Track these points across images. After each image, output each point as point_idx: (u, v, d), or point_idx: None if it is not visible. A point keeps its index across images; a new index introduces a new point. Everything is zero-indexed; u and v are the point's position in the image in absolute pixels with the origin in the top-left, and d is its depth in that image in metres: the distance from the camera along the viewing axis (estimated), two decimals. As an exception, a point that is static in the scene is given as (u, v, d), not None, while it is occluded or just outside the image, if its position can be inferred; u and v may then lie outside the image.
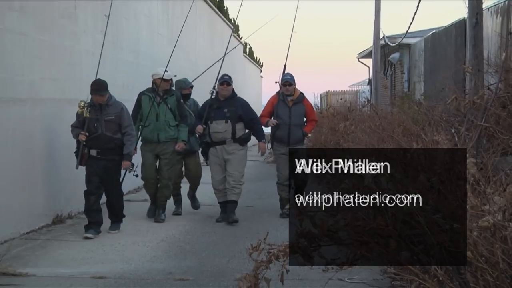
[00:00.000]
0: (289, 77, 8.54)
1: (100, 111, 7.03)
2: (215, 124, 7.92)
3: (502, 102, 6.57)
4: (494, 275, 3.32)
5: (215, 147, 7.99)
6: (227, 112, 7.92)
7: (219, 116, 7.91)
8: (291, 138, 8.38)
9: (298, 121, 8.45)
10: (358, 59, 24.34)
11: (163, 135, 8.00)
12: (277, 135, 8.46)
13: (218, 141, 7.94)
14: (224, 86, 7.95)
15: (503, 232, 3.35)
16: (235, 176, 7.94)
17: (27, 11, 6.99)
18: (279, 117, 8.41)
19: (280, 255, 4.26)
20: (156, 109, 7.98)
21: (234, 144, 7.96)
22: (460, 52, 12.45)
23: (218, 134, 7.93)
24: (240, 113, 7.96)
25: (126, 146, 7.16)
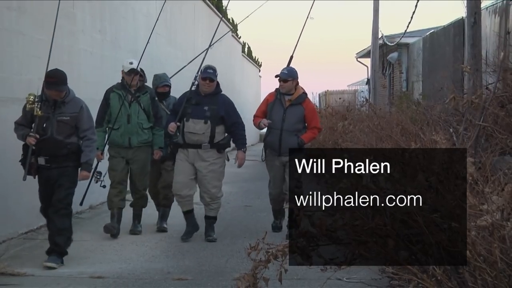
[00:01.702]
0: (285, 71, 7.07)
1: (53, 109, 5.73)
2: (192, 123, 6.66)
3: (500, 102, 6.57)
4: (493, 274, 3.32)
5: (186, 150, 6.71)
6: (208, 111, 6.68)
7: (198, 115, 6.67)
8: (283, 145, 6.93)
9: (293, 126, 7.01)
10: (357, 58, 24.36)
11: (135, 140, 6.95)
12: (268, 141, 7.17)
13: (192, 144, 6.69)
14: (207, 82, 6.71)
15: (501, 231, 3.35)
16: (212, 193, 6.75)
17: (25, 10, 6.99)
18: (272, 119, 7.06)
19: (278, 254, 4.26)
20: (127, 110, 6.92)
21: (211, 151, 6.70)
22: (458, 51, 12.46)
23: (194, 135, 6.67)
24: (222, 114, 6.72)
25: (85, 153, 5.80)
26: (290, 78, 7.04)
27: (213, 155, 6.72)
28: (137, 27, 10.93)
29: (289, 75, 7.06)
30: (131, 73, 6.90)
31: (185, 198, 6.75)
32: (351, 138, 8.86)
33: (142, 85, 7.11)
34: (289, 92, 7.07)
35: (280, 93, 7.11)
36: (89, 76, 8.52)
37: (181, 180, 6.72)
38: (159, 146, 7.08)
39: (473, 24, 7.57)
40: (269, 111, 7.12)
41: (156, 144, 7.08)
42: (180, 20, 13.98)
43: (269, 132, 7.12)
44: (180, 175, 6.73)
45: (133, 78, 6.92)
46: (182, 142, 6.73)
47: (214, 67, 6.81)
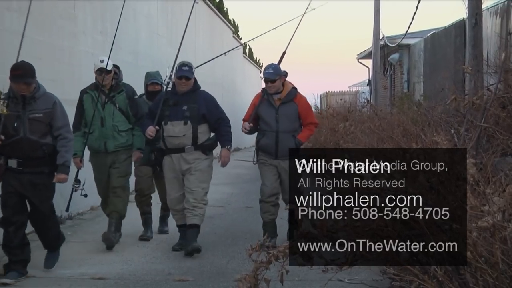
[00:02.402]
0: (271, 70, 6.47)
1: (22, 106, 5.21)
2: (171, 126, 6.14)
3: (502, 103, 6.57)
4: (494, 275, 3.32)
5: (170, 156, 6.22)
6: (187, 111, 6.13)
7: (176, 116, 6.13)
8: (280, 148, 6.41)
9: (289, 126, 6.47)
10: (358, 59, 24.36)
11: (111, 144, 6.39)
12: (262, 144, 6.53)
13: (175, 148, 6.17)
14: (183, 81, 6.16)
15: (502, 232, 3.35)
16: (196, 193, 6.16)
17: (25, 11, 6.99)
18: (264, 122, 6.51)
19: (279, 255, 4.26)
20: (101, 112, 6.36)
21: (196, 153, 6.18)
22: (459, 52, 12.45)
23: (175, 139, 6.14)
24: (204, 112, 6.17)
25: (61, 153, 5.28)
26: (277, 76, 6.46)
27: (199, 156, 6.21)
28: (138, 28, 10.94)
29: (275, 73, 6.46)
30: (102, 72, 6.32)
31: (180, 212, 6.32)
32: (352, 139, 8.86)
33: (116, 83, 6.50)
34: (277, 91, 6.52)
35: (267, 93, 6.55)
36: (90, 78, 8.52)
37: (174, 195, 6.31)
38: (138, 147, 6.50)
39: (474, 25, 7.56)
40: (259, 113, 6.56)
41: (134, 145, 6.49)
42: (181, 21, 13.98)
43: (263, 135, 6.51)
44: (172, 190, 6.32)
45: (104, 77, 6.33)
46: (165, 148, 6.25)
47: (190, 64, 6.30)
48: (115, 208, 6.41)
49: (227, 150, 6.30)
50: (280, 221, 8.05)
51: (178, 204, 6.30)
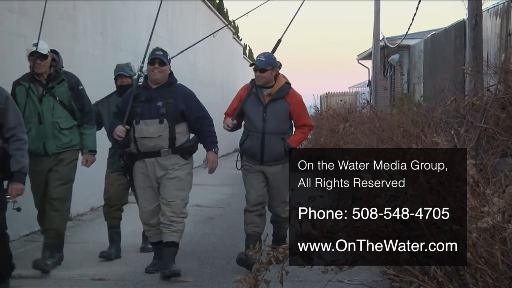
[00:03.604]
0: (263, 58, 5.63)
1: None
2: (144, 126, 5.28)
3: (502, 104, 6.57)
4: (494, 276, 3.32)
5: (143, 161, 5.34)
6: (162, 107, 5.28)
7: (150, 113, 5.29)
8: (266, 152, 5.60)
9: (277, 127, 5.63)
10: (358, 60, 24.37)
11: (52, 145, 5.44)
12: (246, 146, 5.70)
13: (149, 152, 5.32)
14: (155, 66, 5.29)
15: (502, 233, 3.35)
16: (174, 205, 5.30)
17: (26, 12, 7.00)
18: (249, 120, 5.68)
19: (279, 256, 4.26)
20: (37, 106, 5.40)
21: (174, 157, 5.34)
22: (459, 53, 12.45)
23: (149, 140, 5.28)
24: (182, 108, 5.33)
25: (15, 158, 4.51)
26: (269, 66, 5.59)
27: (177, 162, 5.35)
28: (138, 29, 10.94)
29: (267, 62, 5.60)
30: (35, 58, 5.33)
31: (155, 227, 5.48)
32: (352, 140, 8.86)
33: (56, 72, 5.51)
34: (267, 84, 5.65)
35: (257, 86, 5.68)
36: (90, 79, 8.53)
37: (148, 207, 5.45)
38: (90, 149, 5.61)
39: (474, 26, 7.56)
40: (244, 109, 5.69)
41: (86, 146, 5.59)
42: (181, 21, 13.99)
43: (247, 136, 5.69)
44: (146, 201, 5.45)
45: (37, 64, 5.34)
46: (137, 152, 5.37)
47: (164, 50, 5.44)
48: (52, 225, 5.44)
49: (214, 154, 5.43)
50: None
51: (153, 218, 5.43)
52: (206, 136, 5.43)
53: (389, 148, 6.58)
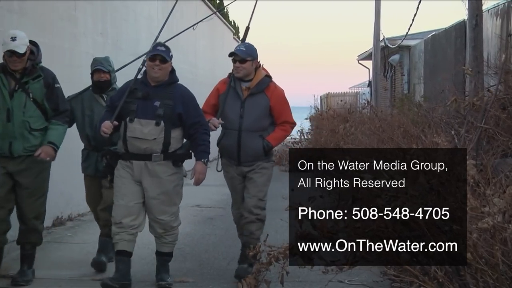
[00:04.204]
0: (243, 48, 5.23)
1: None
2: (138, 125, 4.84)
3: (502, 104, 6.57)
4: (494, 276, 3.32)
5: (129, 162, 4.89)
6: (160, 108, 4.85)
7: (146, 113, 4.84)
8: (243, 151, 5.20)
9: (255, 123, 5.20)
10: (358, 61, 24.37)
11: (19, 146, 4.88)
12: (223, 145, 5.32)
13: (139, 154, 4.86)
14: (156, 63, 4.87)
15: (502, 233, 3.35)
16: (164, 223, 4.95)
17: (27, 12, 7.00)
18: (226, 117, 5.23)
19: (280, 257, 4.27)
20: (7, 102, 4.85)
21: (164, 164, 4.89)
22: (460, 53, 12.45)
23: (142, 142, 4.83)
24: (180, 111, 4.89)
25: None
26: (249, 57, 5.18)
27: (167, 170, 4.90)
28: (139, 30, 10.94)
29: (247, 52, 5.18)
30: (12, 55, 4.82)
31: (126, 229, 4.88)
32: (353, 140, 8.86)
33: (32, 66, 4.97)
34: (247, 77, 5.22)
35: (235, 79, 5.27)
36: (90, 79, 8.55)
37: (124, 202, 4.88)
38: (50, 141, 4.93)
39: (475, 26, 7.56)
40: (221, 104, 5.26)
41: (47, 138, 4.93)
42: (181, 22, 13.99)
43: (224, 134, 5.29)
44: (123, 196, 4.89)
45: (12, 61, 4.86)
46: (124, 151, 4.91)
47: (167, 46, 5.04)
48: (28, 239, 5.12)
49: (203, 165, 4.90)
50: (280, 223, 8.07)
51: (127, 217, 4.86)
52: (199, 144, 4.93)
53: (390, 148, 6.58)
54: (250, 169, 5.26)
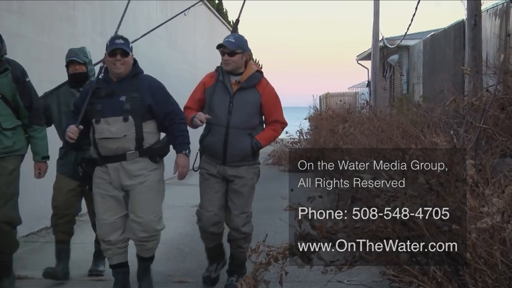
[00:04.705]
0: (232, 39, 4.86)
1: None
2: (105, 125, 4.49)
3: (501, 104, 6.57)
4: (493, 276, 3.32)
5: (105, 167, 4.55)
6: (126, 102, 4.50)
7: (112, 110, 4.49)
8: (229, 150, 4.81)
9: (245, 121, 4.84)
10: (357, 61, 24.39)
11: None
12: (207, 143, 4.89)
13: (112, 156, 4.51)
14: (117, 58, 4.51)
15: (501, 233, 3.35)
16: (145, 223, 4.55)
17: (26, 12, 7.00)
18: (213, 112, 4.82)
19: (278, 257, 4.27)
20: None
21: (142, 160, 4.55)
22: (459, 53, 12.46)
23: (112, 142, 4.49)
24: (149, 103, 4.53)
25: None
26: (239, 49, 4.82)
27: (146, 166, 4.57)
28: (138, 30, 10.94)
29: (237, 44, 4.83)
30: None
31: (116, 245, 4.63)
32: (352, 140, 8.86)
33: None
34: (236, 70, 4.87)
35: (223, 72, 4.91)
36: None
37: (107, 220, 4.57)
38: (42, 155, 4.72)
39: (474, 26, 7.57)
40: (208, 99, 4.87)
41: (37, 152, 4.70)
42: (180, 22, 14.00)
43: (209, 130, 4.87)
44: (105, 212, 4.57)
45: None
46: (97, 156, 4.58)
47: (125, 37, 4.67)
48: (2, 247, 4.59)
49: (184, 157, 4.59)
50: (279, 223, 8.08)
51: (113, 233, 4.59)
52: (177, 135, 4.59)
53: (389, 148, 6.58)
54: (235, 173, 4.87)
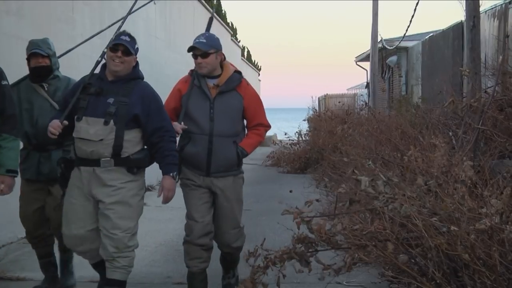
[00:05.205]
0: (203, 39, 4.45)
1: None
2: (84, 124, 4.09)
3: (499, 105, 6.57)
4: (492, 278, 3.32)
5: (78, 169, 4.15)
6: (112, 105, 4.08)
7: (96, 110, 4.09)
8: (214, 160, 4.42)
9: (229, 127, 4.45)
10: (356, 62, 24.41)
11: None
12: (188, 154, 4.44)
13: (85, 159, 4.11)
14: (118, 55, 4.15)
15: (500, 235, 3.35)
16: (117, 239, 4.10)
17: (24, 14, 7.00)
18: (192, 120, 4.42)
19: (276, 260, 4.26)
20: None
21: (116, 170, 4.09)
22: (457, 55, 12.47)
23: (87, 144, 4.08)
24: (137, 112, 4.10)
25: None
26: (212, 49, 4.41)
27: (121, 177, 4.11)
28: (137, 32, 10.94)
29: (209, 44, 4.42)
30: None
31: (87, 253, 4.33)
32: (351, 141, 8.86)
33: None
34: (212, 73, 4.46)
35: (199, 76, 4.48)
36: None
37: (75, 231, 4.16)
38: (8, 168, 4.17)
39: (472, 27, 7.57)
40: (184, 107, 4.44)
41: (3, 164, 4.14)
42: (179, 23, 14.00)
43: (190, 140, 4.43)
44: (75, 222, 4.15)
45: None
46: (74, 156, 4.19)
47: (133, 36, 4.39)
48: None
49: (171, 180, 4.15)
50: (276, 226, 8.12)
51: (84, 244, 4.22)
52: (165, 155, 4.15)
53: (387, 149, 6.58)
54: (221, 185, 4.50)
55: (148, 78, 7.96)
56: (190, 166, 4.49)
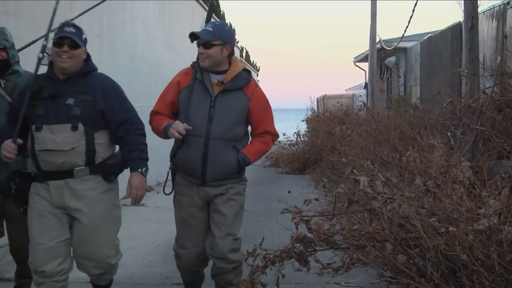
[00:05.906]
0: (209, 28, 3.89)
1: None
2: (48, 134, 3.58)
3: (498, 106, 6.58)
4: (490, 278, 3.32)
5: (45, 184, 3.64)
6: (75, 106, 3.60)
7: (58, 116, 3.59)
8: (210, 167, 3.88)
9: (228, 130, 3.90)
10: (355, 63, 24.43)
11: None
12: (181, 158, 3.95)
13: (55, 172, 3.61)
14: (64, 49, 3.61)
15: (498, 235, 3.35)
16: (99, 258, 3.76)
17: (23, 15, 7.00)
18: (188, 118, 3.87)
19: (275, 260, 4.27)
20: None
21: (92, 179, 3.67)
22: (456, 55, 12.48)
23: (56, 155, 3.58)
24: (102, 107, 3.66)
25: None
26: (217, 40, 3.86)
27: (97, 186, 3.70)
28: (135, 32, 10.94)
29: (215, 34, 3.86)
30: None
31: (52, 278, 3.67)
32: (349, 142, 8.87)
33: None
34: (216, 67, 3.94)
35: (202, 70, 3.95)
36: None
37: (44, 244, 3.62)
38: None
39: (471, 28, 7.58)
40: (182, 103, 3.93)
41: None
42: (178, 24, 14.00)
43: (183, 142, 3.90)
44: (42, 235, 3.62)
45: None
46: (37, 171, 3.64)
47: (78, 26, 3.80)
48: None
49: (140, 177, 3.69)
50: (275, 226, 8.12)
51: (51, 261, 3.64)
52: (132, 149, 3.70)
53: (386, 150, 6.59)
54: (217, 192, 3.96)
55: (147, 79, 7.98)
56: (184, 172, 3.98)
